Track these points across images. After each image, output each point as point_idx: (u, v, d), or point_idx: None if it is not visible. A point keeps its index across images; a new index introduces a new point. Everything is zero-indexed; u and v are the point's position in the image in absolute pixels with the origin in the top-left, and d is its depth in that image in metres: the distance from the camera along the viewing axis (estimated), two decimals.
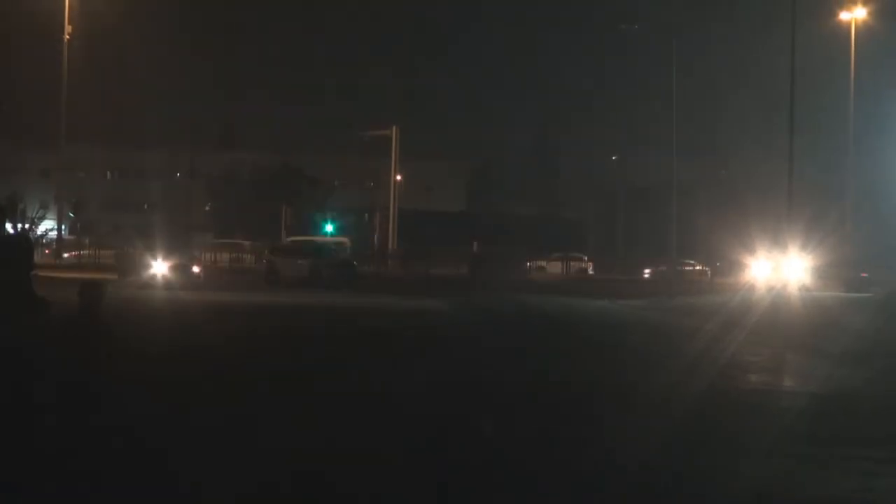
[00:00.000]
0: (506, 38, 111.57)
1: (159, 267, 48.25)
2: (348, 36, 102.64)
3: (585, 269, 73.73)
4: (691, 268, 66.96)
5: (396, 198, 78.67)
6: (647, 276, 67.97)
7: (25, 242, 26.49)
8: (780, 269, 43.06)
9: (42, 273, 47.94)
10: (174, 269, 48.56)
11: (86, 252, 67.99)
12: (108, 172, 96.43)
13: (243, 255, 69.87)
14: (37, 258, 62.06)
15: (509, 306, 36.78)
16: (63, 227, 72.41)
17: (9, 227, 52.01)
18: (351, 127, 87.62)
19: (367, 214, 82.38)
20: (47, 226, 64.53)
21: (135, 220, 75.90)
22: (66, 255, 67.05)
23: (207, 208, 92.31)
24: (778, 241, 43.34)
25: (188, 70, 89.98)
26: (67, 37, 66.12)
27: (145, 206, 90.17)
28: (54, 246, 69.09)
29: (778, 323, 28.80)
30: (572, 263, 72.71)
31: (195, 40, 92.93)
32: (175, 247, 54.23)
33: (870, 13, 55.20)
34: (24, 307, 21.20)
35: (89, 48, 74.16)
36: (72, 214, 76.59)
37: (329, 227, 76.18)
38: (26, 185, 78.62)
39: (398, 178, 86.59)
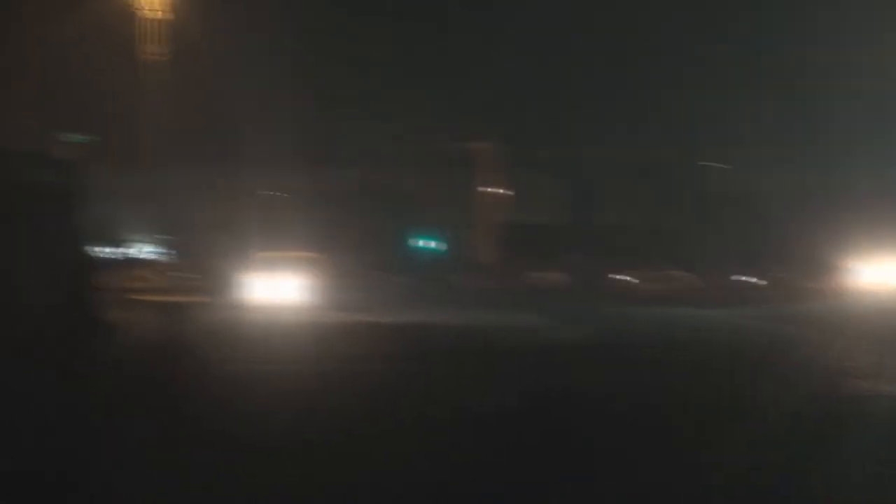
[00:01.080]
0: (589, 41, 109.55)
1: (258, 284, 47.85)
2: (442, 46, 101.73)
3: (687, 279, 72.40)
4: (783, 275, 65.58)
5: (493, 210, 78.18)
6: (750, 282, 66.70)
7: (84, 258, 25.27)
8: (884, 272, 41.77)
9: (135, 296, 49.06)
10: (279, 285, 48.08)
11: (182, 274, 68.23)
12: (205, 192, 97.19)
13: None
14: (133, 280, 63.46)
15: (613, 321, 36.65)
16: (164, 249, 72.89)
17: (102, 249, 53.29)
18: (445, 138, 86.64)
19: (463, 228, 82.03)
20: (143, 247, 65.05)
21: (229, 239, 76.06)
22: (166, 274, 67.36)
23: (306, 227, 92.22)
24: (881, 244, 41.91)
25: (276, 85, 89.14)
26: (155, 57, 66.70)
27: (237, 225, 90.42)
28: (157, 267, 69.58)
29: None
30: (671, 273, 71.49)
31: (279, 52, 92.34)
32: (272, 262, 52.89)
33: None
34: (78, 332, 19.70)
35: (179, 69, 74.90)
36: (167, 236, 77.18)
37: (426, 243, 76.02)
38: (124, 208, 79.55)
39: (497, 189, 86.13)
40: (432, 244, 75.11)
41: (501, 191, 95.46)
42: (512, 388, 18.39)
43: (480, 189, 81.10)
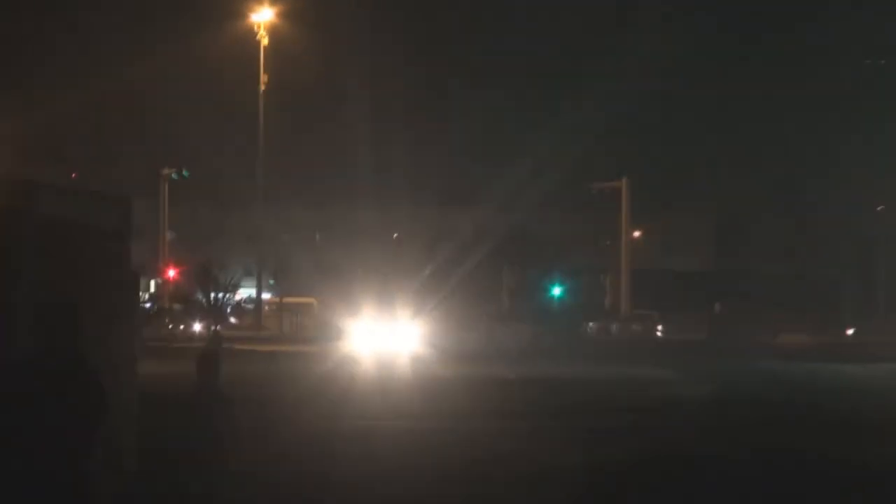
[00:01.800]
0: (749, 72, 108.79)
1: (373, 332, 48.61)
2: (567, 84, 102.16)
3: (841, 332, 71.24)
4: None
5: (628, 256, 77.91)
6: None
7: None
8: None
9: (238, 346, 50.40)
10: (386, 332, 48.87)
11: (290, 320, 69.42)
12: (317, 234, 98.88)
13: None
14: (235, 329, 64.83)
15: (753, 376, 36.42)
16: (268, 294, 74.37)
17: (201, 296, 54.74)
18: (577, 181, 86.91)
19: (598, 275, 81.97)
20: (243, 293, 66.19)
21: (340, 284, 77.28)
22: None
23: (427, 272, 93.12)
24: None
25: (392, 123, 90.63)
26: (263, 87, 68.25)
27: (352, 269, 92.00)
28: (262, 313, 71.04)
29: None
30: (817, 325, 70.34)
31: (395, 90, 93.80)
32: (388, 310, 54.54)
33: None
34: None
35: (289, 99, 76.51)
36: (272, 282, 78.49)
37: (556, 291, 76.11)
38: (229, 250, 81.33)
39: (635, 234, 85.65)
40: (564, 292, 75.18)
41: (640, 234, 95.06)
42: (605, 448, 18.54)
43: (619, 232, 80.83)
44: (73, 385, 7.39)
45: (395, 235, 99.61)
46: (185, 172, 70.50)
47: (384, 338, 48.25)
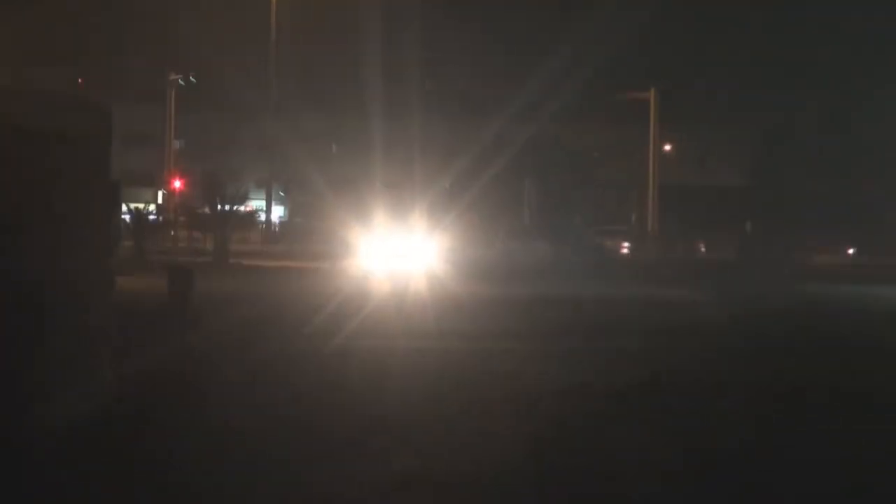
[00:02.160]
0: None
1: (386, 249, 48.90)
2: None
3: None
4: None
5: (657, 171, 77.54)
6: None
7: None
8: None
9: (247, 262, 50.77)
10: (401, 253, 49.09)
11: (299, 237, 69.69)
12: (334, 145, 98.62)
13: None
14: (245, 244, 65.12)
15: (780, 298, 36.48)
16: (281, 208, 74.59)
17: (207, 208, 54.66)
18: (604, 89, 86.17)
19: (625, 191, 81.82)
20: (254, 205, 66.21)
21: (354, 198, 77.42)
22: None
23: (447, 186, 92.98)
24: None
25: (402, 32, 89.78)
26: None
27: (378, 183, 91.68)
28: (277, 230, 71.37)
29: None
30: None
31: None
32: (403, 225, 54.72)
33: None
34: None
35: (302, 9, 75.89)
36: (282, 193, 78.65)
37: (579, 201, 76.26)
38: (241, 161, 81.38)
39: (666, 147, 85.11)
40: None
41: (671, 147, 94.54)
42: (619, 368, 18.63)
43: (648, 145, 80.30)
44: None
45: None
46: (192, 78, 70.26)
47: (398, 254, 48.61)
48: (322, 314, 26.55)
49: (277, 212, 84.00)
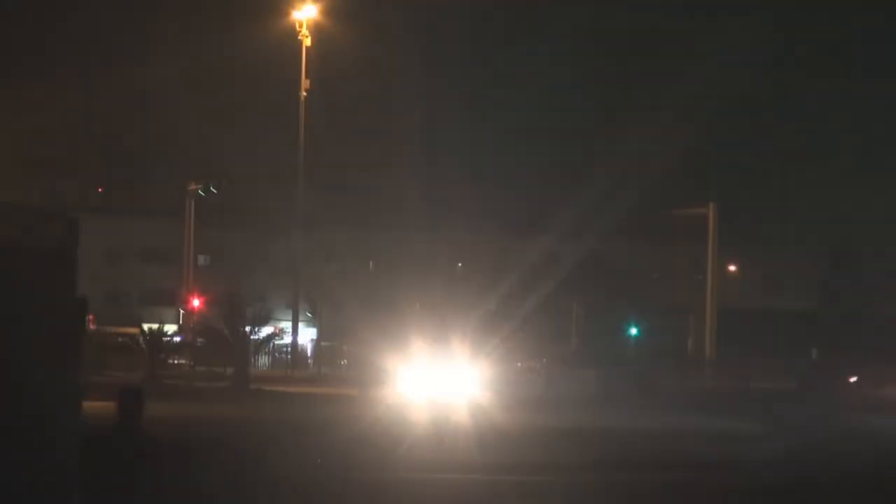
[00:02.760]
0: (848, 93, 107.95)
1: (422, 376, 48.83)
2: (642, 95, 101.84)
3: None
4: None
5: (715, 294, 77.22)
6: None
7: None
8: None
9: (269, 387, 50.93)
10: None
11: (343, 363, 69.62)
12: (370, 263, 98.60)
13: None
14: (271, 368, 65.21)
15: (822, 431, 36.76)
16: (313, 329, 74.69)
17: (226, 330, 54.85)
18: (660, 205, 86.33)
19: (676, 314, 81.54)
20: (279, 326, 66.37)
21: (390, 320, 77.20)
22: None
23: (492, 308, 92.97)
24: None
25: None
26: (305, 93, 68.40)
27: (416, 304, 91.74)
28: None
29: None
30: None
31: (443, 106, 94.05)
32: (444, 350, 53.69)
33: None
34: None
35: (334, 108, 76.29)
36: (310, 314, 78.68)
37: (633, 331, 75.75)
38: (269, 280, 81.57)
39: (731, 268, 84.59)
40: (641, 332, 74.85)
41: (731, 268, 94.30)
42: None
43: (706, 265, 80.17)
44: None
45: (459, 265, 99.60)
46: (213, 188, 70.50)
47: (438, 381, 48.08)
48: (355, 444, 26.65)
49: (308, 334, 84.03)
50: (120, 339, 63.06)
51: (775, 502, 21.29)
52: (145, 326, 59.54)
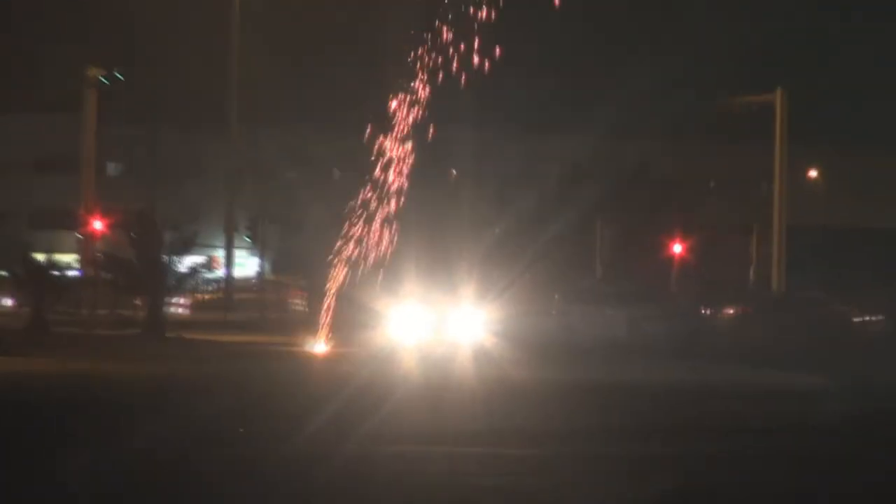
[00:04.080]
0: None
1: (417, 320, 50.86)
2: None
3: None
4: None
5: (784, 207, 76.07)
6: None
7: None
8: None
9: (190, 335, 50.24)
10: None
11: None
12: (336, 170, 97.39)
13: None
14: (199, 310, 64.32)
15: None
16: (256, 256, 74.18)
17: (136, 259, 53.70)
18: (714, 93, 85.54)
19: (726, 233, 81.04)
20: (213, 255, 65.85)
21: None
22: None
23: (497, 231, 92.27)
24: None
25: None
26: None
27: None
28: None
29: None
30: None
31: None
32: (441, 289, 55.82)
33: None
34: None
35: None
36: (247, 238, 78.01)
37: (678, 249, 75.34)
38: (200, 197, 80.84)
39: (811, 173, 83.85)
40: (681, 258, 74.44)
41: (813, 174, 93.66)
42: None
43: (773, 171, 79.02)
44: None
45: (453, 172, 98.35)
46: (117, 74, 69.91)
47: (431, 327, 51.40)
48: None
49: (250, 265, 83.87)
50: (3, 275, 62.38)
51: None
52: (35, 257, 58.34)
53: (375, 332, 51.11)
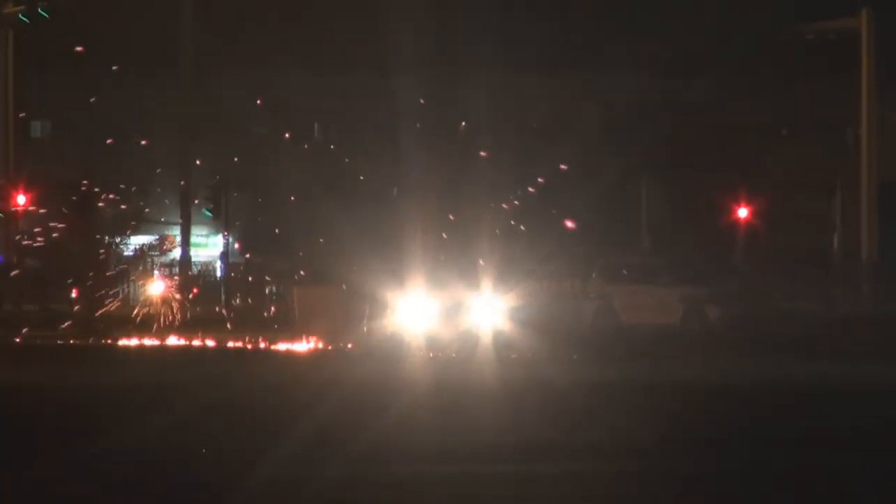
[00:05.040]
0: None
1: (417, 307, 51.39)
2: None
3: None
4: None
5: (873, 158, 75.57)
6: None
7: None
8: None
9: None
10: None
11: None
12: (315, 127, 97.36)
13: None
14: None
15: None
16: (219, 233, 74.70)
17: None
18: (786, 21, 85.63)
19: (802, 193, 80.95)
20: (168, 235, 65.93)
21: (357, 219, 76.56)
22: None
23: (520, 196, 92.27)
24: None
25: None
26: None
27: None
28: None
29: None
30: None
31: None
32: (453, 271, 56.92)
33: None
34: None
35: None
36: (208, 213, 77.87)
37: (743, 213, 75.06)
38: (150, 161, 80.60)
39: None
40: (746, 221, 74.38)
41: None
42: None
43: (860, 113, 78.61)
44: None
45: (462, 125, 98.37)
46: (40, 10, 69.80)
47: (447, 316, 52.49)
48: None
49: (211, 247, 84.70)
50: None
51: None
52: None
53: (374, 325, 52.23)
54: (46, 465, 22.58)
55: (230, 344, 50.94)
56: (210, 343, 51.37)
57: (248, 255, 79.73)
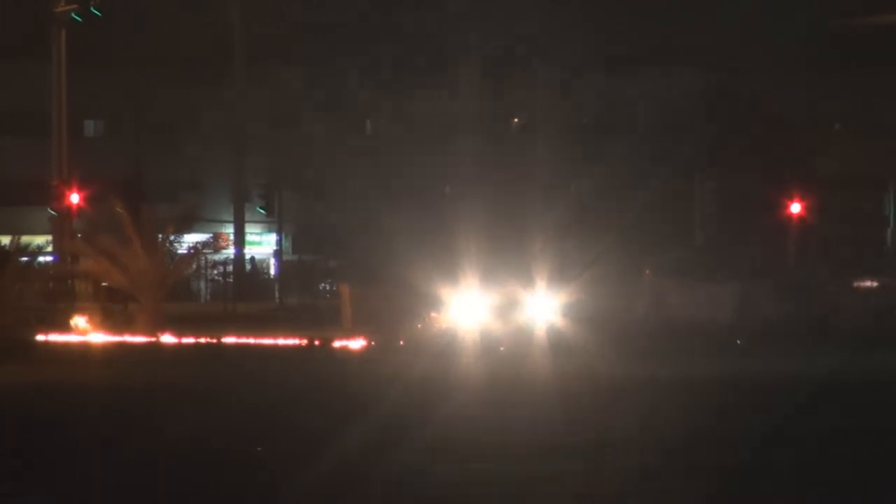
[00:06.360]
0: None
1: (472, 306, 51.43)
2: None
3: None
4: None
5: None
6: None
7: None
8: None
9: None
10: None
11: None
12: (368, 122, 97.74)
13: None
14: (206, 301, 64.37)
15: None
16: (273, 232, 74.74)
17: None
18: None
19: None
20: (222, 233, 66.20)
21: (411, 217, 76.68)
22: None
23: (574, 193, 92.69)
24: None
25: None
26: None
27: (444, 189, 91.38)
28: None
29: None
30: None
31: None
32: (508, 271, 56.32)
33: None
34: None
35: None
36: (261, 210, 78.25)
37: (797, 208, 75.31)
38: (205, 159, 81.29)
39: None
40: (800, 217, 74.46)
41: None
42: None
43: None
44: None
45: (515, 121, 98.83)
46: (94, 9, 69.99)
47: (501, 314, 52.21)
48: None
49: (265, 245, 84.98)
50: None
51: None
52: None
53: (429, 323, 52.50)
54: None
55: (285, 341, 50.70)
56: (265, 341, 51.26)
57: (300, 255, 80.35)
